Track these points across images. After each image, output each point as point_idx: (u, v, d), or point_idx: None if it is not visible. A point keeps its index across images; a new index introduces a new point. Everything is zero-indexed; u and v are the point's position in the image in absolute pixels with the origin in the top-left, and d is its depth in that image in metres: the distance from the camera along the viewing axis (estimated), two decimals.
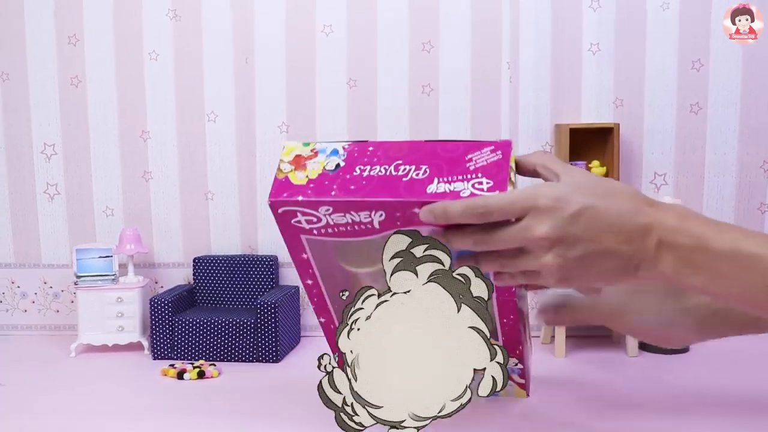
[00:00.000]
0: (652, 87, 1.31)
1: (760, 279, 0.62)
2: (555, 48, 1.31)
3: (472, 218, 0.69)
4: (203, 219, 1.38)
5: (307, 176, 0.82)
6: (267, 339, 1.20)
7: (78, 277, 1.28)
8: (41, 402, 1.03)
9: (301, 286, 1.35)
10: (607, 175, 1.26)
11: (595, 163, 1.27)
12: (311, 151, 0.83)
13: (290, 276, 1.37)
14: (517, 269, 0.69)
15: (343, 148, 0.81)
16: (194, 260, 1.35)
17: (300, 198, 0.80)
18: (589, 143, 1.28)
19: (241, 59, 1.35)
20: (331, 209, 0.79)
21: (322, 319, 0.93)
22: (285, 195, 0.81)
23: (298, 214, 0.82)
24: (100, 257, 1.29)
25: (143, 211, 1.38)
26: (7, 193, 1.40)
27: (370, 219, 0.79)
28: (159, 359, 1.23)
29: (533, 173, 0.77)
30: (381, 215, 0.79)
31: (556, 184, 0.70)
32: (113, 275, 1.29)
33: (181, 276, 1.39)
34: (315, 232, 0.83)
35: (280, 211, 0.82)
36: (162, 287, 1.39)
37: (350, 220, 0.80)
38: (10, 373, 1.16)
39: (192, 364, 1.17)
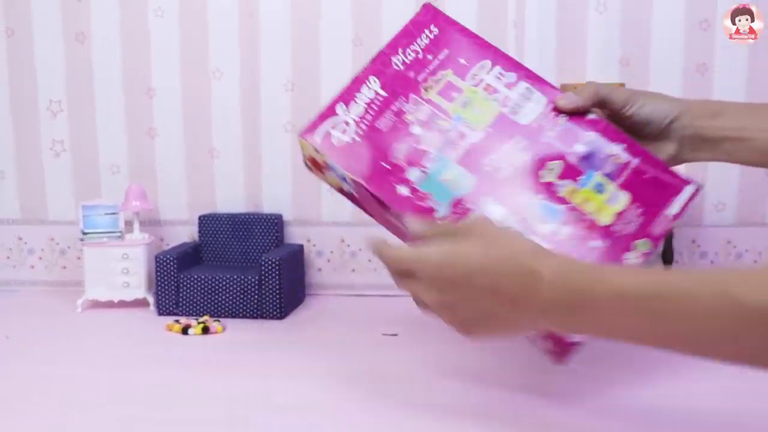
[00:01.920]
0: (659, 47, 1.30)
1: (648, 314, 0.61)
2: (561, 7, 1.31)
3: (376, 254, 0.78)
4: (208, 176, 1.39)
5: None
6: (271, 296, 1.21)
7: (84, 233, 1.29)
8: (46, 352, 1.05)
9: (306, 245, 1.36)
10: None
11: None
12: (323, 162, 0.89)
13: (295, 234, 1.38)
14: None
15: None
16: (199, 218, 1.36)
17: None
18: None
19: (246, 16, 1.34)
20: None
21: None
22: (309, 125, 0.88)
23: (329, 129, 0.88)
24: (106, 214, 1.30)
25: (148, 168, 1.39)
26: (14, 149, 1.40)
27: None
28: (164, 315, 1.24)
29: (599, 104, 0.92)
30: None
31: (441, 246, 0.73)
32: (119, 232, 1.29)
33: (186, 233, 1.40)
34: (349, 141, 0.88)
35: (318, 140, 0.87)
36: (167, 244, 1.40)
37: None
38: (16, 326, 1.17)
39: (197, 319, 1.18)
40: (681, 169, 0.91)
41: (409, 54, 0.92)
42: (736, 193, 1.32)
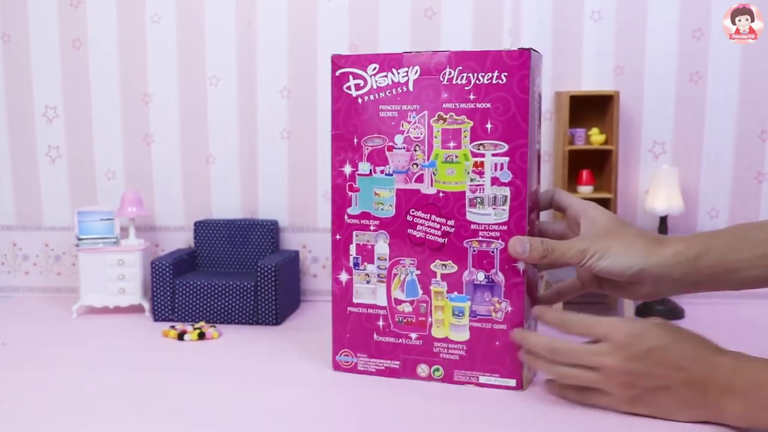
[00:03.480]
0: (653, 55, 1.31)
1: None
2: (556, 15, 1.31)
3: (559, 326, 0.84)
4: (204, 182, 1.39)
5: None
6: (267, 302, 1.21)
7: (79, 239, 1.29)
8: (42, 358, 1.05)
9: (301, 251, 1.37)
10: (606, 142, 1.27)
11: (595, 130, 1.27)
12: None
13: (290, 240, 1.38)
14: (579, 383, 0.81)
15: None
16: (195, 224, 1.36)
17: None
18: (589, 111, 1.29)
19: (242, 24, 1.35)
20: (377, 67, 0.89)
21: None
22: (344, 59, 0.91)
23: (350, 77, 0.90)
24: (102, 220, 1.30)
25: (144, 174, 1.39)
26: (9, 155, 1.40)
27: (407, 78, 0.88)
28: (160, 321, 1.24)
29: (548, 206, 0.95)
30: (416, 71, 0.88)
31: (634, 320, 0.80)
32: (115, 238, 1.29)
33: (182, 239, 1.40)
34: (359, 100, 0.91)
35: (337, 73, 0.91)
36: (163, 250, 1.40)
37: (390, 81, 0.89)
38: (11, 332, 1.17)
39: (192, 325, 1.18)
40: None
41: (463, 77, 0.87)
42: (728, 199, 1.33)
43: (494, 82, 0.86)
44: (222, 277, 1.26)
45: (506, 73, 0.85)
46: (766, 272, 0.86)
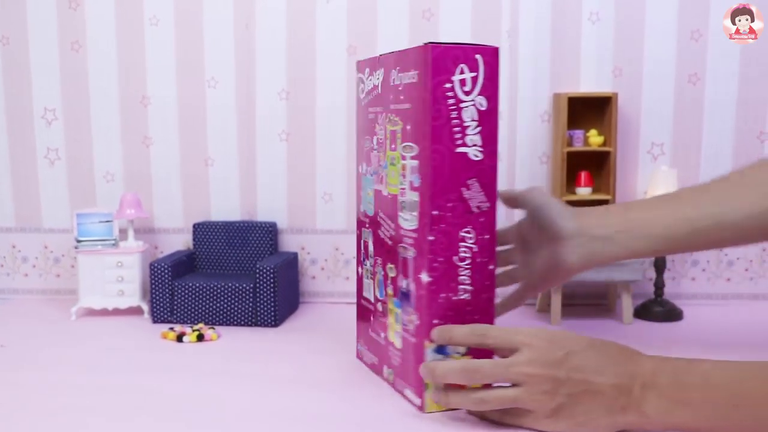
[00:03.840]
0: (651, 57, 1.31)
1: (726, 405, 0.68)
2: (554, 17, 1.31)
3: (473, 339, 0.79)
4: (203, 184, 1.39)
5: None
6: (266, 304, 1.21)
7: (78, 241, 1.29)
8: (41, 359, 1.05)
9: (300, 253, 1.37)
10: (604, 144, 1.27)
11: (593, 132, 1.28)
12: None
13: (289, 242, 1.38)
14: (502, 405, 0.76)
15: None
16: (194, 226, 1.36)
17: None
18: (588, 112, 1.29)
19: (241, 25, 1.35)
20: (368, 69, 0.93)
21: None
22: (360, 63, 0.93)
23: (359, 79, 0.96)
24: (101, 222, 1.30)
25: (143, 176, 1.39)
26: (8, 157, 1.40)
27: (379, 80, 0.91)
28: (159, 323, 1.24)
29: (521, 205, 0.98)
30: (380, 75, 0.90)
31: (550, 329, 0.80)
32: (113, 240, 1.29)
33: (181, 241, 1.40)
34: (362, 102, 0.96)
35: (357, 77, 0.97)
36: (162, 252, 1.40)
37: (371, 84, 0.92)
38: (10, 334, 1.17)
39: (191, 327, 1.18)
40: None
41: (400, 77, 0.85)
42: None
43: (412, 81, 0.82)
44: (221, 278, 1.26)
45: (418, 72, 0.80)
46: (669, 231, 0.92)
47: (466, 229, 0.82)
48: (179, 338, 1.13)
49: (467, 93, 0.80)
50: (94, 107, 1.38)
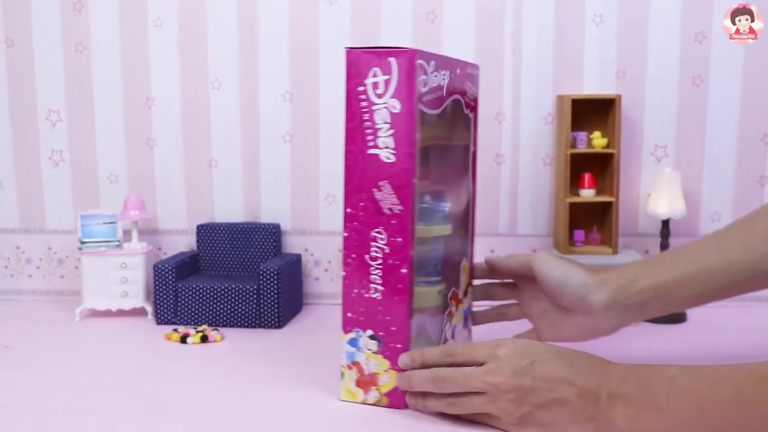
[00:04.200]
0: (654, 59, 1.31)
1: (696, 403, 0.67)
2: (558, 19, 1.31)
3: (443, 359, 0.81)
4: (207, 186, 1.39)
5: None
6: (269, 305, 1.21)
7: (82, 242, 1.29)
8: (45, 361, 1.05)
9: (304, 254, 1.37)
10: (608, 146, 1.27)
11: (597, 134, 1.28)
12: None
13: (293, 244, 1.38)
14: (471, 411, 0.80)
15: None
16: (198, 227, 1.36)
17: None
18: (591, 114, 1.29)
19: (244, 27, 1.35)
20: None
21: None
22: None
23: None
24: (105, 223, 1.30)
25: (147, 178, 1.39)
26: (12, 158, 1.40)
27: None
28: (162, 324, 1.24)
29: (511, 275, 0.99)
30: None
31: (516, 339, 0.81)
32: (117, 241, 1.30)
33: (185, 243, 1.40)
34: None
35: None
36: (165, 253, 1.40)
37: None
38: (15, 335, 1.17)
39: (195, 328, 1.18)
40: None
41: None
42: (731, 203, 1.33)
43: None
44: (224, 280, 1.26)
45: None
46: (704, 290, 0.88)
47: (377, 230, 0.83)
48: (183, 339, 1.13)
49: (379, 96, 0.82)
50: (98, 109, 1.39)
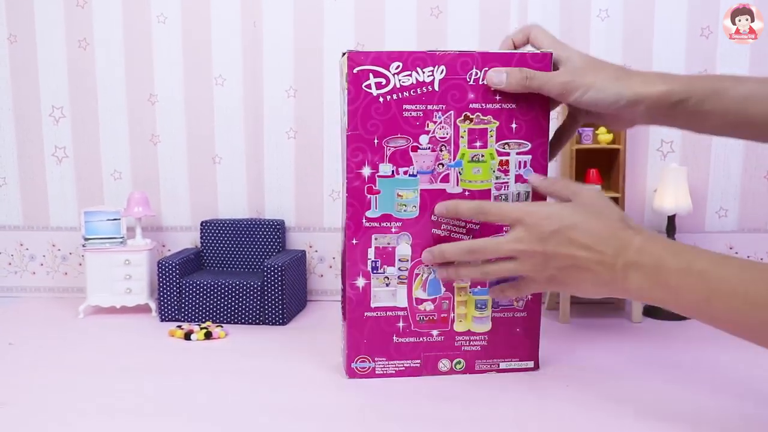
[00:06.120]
0: (660, 54, 1.31)
1: (705, 291, 0.71)
2: (563, 14, 1.31)
3: (476, 215, 0.86)
4: (211, 183, 1.39)
5: None
6: (273, 302, 1.21)
7: (86, 239, 1.29)
8: (49, 358, 1.05)
9: (308, 251, 1.37)
10: (614, 141, 1.26)
11: (602, 129, 1.27)
12: None
13: (297, 240, 1.38)
14: (503, 275, 0.85)
15: None
16: (201, 224, 1.36)
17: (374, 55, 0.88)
18: None
19: (248, 23, 1.34)
20: (401, 66, 0.87)
21: None
22: (363, 56, 0.88)
23: (370, 75, 0.87)
24: (108, 220, 1.30)
25: (151, 174, 1.39)
26: (16, 155, 1.40)
27: (432, 78, 0.88)
28: (166, 321, 1.24)
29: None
30: (442, 71, 0.88)
31: (549, 203, 0.85)
32: (121, 238, 1.29)
33: (189, 239, 1.40)
34: (381, 99, 0.88)
35: (355, 70, 0.87)
36: (169, 250, 1.40)
37: (414, 81, 0.88)
38: (18, 332, 1.17)
39: (199, 325, 1.18)
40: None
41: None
42: (737, 199, 1.33)
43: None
44: (228, 276, 1.26)
45: None
46: (734, 130, 0.89)
47: None
48: (187, 336, 1.13)
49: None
50: (102, 105, 1.38)
